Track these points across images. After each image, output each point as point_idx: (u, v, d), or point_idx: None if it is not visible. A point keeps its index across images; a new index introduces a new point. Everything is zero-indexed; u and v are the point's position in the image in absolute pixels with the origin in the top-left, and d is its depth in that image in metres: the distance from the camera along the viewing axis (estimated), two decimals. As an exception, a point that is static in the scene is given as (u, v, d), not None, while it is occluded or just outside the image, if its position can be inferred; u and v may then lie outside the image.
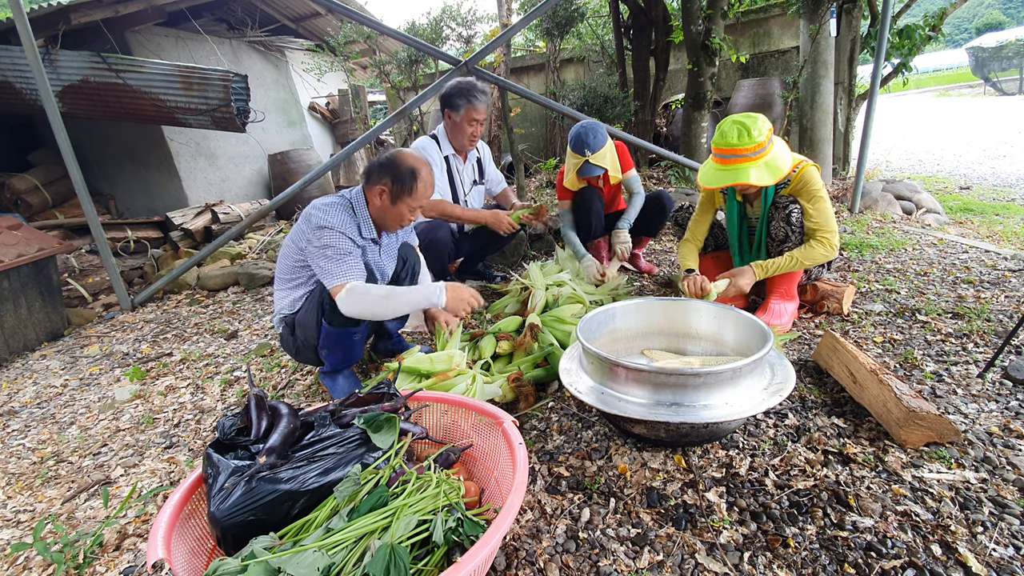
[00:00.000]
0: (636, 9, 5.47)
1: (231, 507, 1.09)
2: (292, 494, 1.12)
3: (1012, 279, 2.49)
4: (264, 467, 1.13)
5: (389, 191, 1.84)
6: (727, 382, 1.38)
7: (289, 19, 7.26)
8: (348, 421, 1.31)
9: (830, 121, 4.53)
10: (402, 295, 1.83)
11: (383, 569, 0.93)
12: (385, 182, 1.83)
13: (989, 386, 1.68)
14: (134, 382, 2.51)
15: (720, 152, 2.03)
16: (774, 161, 1.99)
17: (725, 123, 2.02)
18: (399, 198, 1.84)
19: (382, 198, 1.86)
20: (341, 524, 1.04)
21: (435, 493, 1.13)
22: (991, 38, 16.70)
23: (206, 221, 5.29)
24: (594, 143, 2.63)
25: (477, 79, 3.03)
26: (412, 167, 1.83)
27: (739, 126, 1.97)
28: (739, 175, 1.98)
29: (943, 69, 28.54)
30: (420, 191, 1.85)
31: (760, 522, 1.25)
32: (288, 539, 1.06)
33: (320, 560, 0.94)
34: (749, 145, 1.95)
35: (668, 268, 3.20)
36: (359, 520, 1.04)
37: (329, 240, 1.78)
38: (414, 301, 1.85)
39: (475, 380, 1.79)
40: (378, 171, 1.85)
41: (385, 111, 9.87)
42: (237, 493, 1.10)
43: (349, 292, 1.76)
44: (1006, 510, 1.21)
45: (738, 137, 1.96)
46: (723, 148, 2.01)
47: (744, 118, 1.99)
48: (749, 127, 1.96)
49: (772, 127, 2.02)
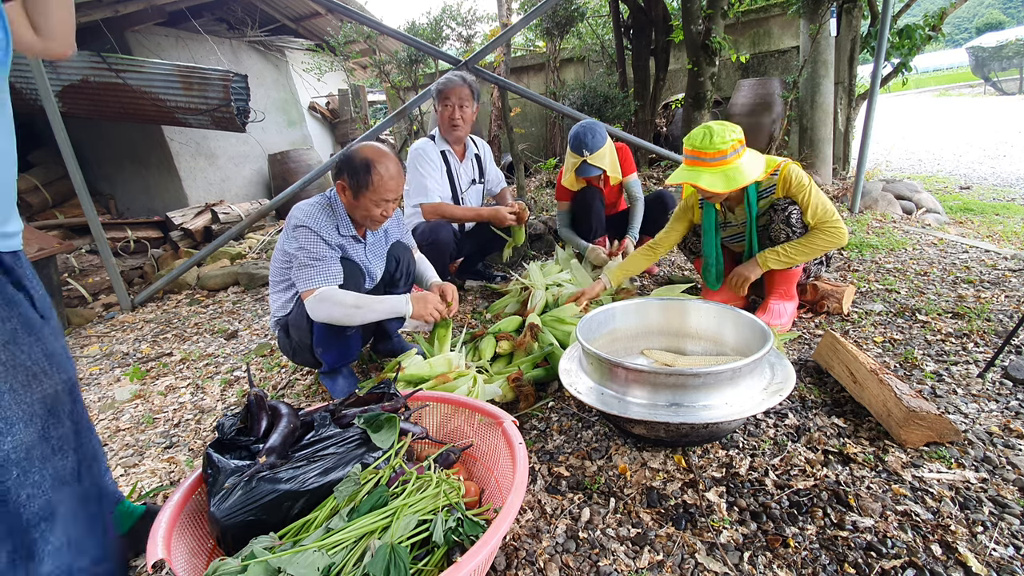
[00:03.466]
0: (636, 9, 5.47)
1: (231, 507, 1.09)
2: (292, 494, 1.12)
3: (1012, 279, 2.49)
4: (264, 467, 1.13)
5: (348, 186, 1.81)
6: (727, 382, 1.38)
7: (289, 19, 7.25)
8: (348, 421, 1.31)
9: (830, 121, 4.53)
10: (372, 304, 1.82)
11: (383, 569, 0.93)
12: (343, 178, 1.81)
13: (989, 386, 1.68)
14: (134, 382, 2.51)
15: (686, 152, 2.07)
16: (733, 172, 1.98)
17: (702, 126, 2.05)
18: (359, 193, 1.80)
19: (345, 193, 1.84)
20: (341, 524, 1.04)
21: (435, 493, 1.13)
22: (991, 38, 16.70)
23: (206, 221, 5.29)
24: (592, 143, 2.63)
25: (477, 78, 3.03)
26: (366, 160, 1.77)
27: (706, 130, 2.00)
28: (694, 177, 2.02)
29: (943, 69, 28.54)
30: (378, 184, 1.77)
31: (760, 522, 1.25)
32: (288, 539, 1.06)
33: (320, 560, 0.94)
34: (709, 150, 1.97)
35: (668, 268, 3.20)
36: (359, 520, 1.04)
37: (303, 242, 1.77)
38: (383, 311, 1.85)
39: (476, 382, 1.79)
40: (337, 167, 1.84)
41: (385, 111, 9.87)
42: (237, 493, 1.10)
43: (318, 299, 1.76)
44: (1006, 510, 1.21)
45: (701, 140, 1.99)
46: (687, 149, 2.05)
47: (716, 124, 2.01)
48: (714, 133, 1.97)
49: (742, 139, 2.02)
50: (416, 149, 2.78)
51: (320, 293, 1.76)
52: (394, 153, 1.86)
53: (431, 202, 2.73)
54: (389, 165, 1.80)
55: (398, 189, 1.84)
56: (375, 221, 1.88)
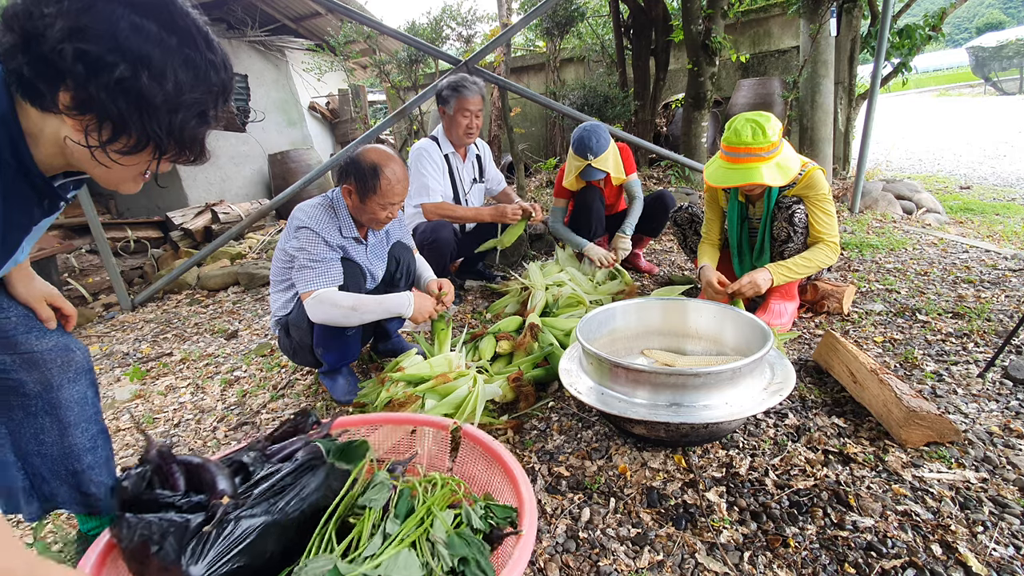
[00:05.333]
0: (636, 9, 5.47)
1: (215, 558, 0.95)
2: (277, 526, 1.01)
3: (1012, 279, 2.49)
4: (230, 507, 1.00)
5: (355, 190, 1.81)
6: (727, 382, 1.38)
7: (289, 19, 7.25)
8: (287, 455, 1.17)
9: (830, 121, 4.53)
10: (372, 306, 1.83)
11: (469, 553, 0.99)
12: (350, 181, 1.81)
13: (989, 386, 1.68)
14: (134, 382, 2.51)
15: (732, 150, 1.98)
16: (785, 162, 1.98)
17: (738, 120, 1.98)
18: (366, 196, 1.80)
19: (352, 197, 1.84)
20: (395, 528, 1.04)
21: (446, 492, 1.16)
22: (991, 38, 16.71)
23: (206, 221, 5.29)
24: (597, 147, 2.62)
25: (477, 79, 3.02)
26: (373, 164, 1.78)
27: (753, 124, 1.94)
28: (751, 175, 1.94)
29: (943, 69, 28.56)
30: (386, 188, 1.78)
31: (760, 522, 1.25)
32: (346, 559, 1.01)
33: (412, 560, 0.96)
34: (763, 144, 1.93)
35: (668, 268, 3.20)
36: (407, 524, 1.05)
37: (305, 243, 1.78)
38: (382, 312, 1.86)
39: (476, 381, 1.79)
40: (344, 170, 1.84)
41: (385, 111, 9.88)
42: (215, 542, 0.96)
43: (316, 300, 1.76)
44: (1006, 510, 1.21)
45: (752, 136, 1.93)
46: (737, 146, 1.96)
47: (757, 116, 1.96)
48: (764, 126, 1.93)
49: (782, 127, 2.00)
50: (418, 149, 2.77)
51: (318, 295, 1.77)
52: (397, 155, 1.87)
53: (433, 202, 2.73)
54: (396, 169, 1.81)
55: (404, 192, 1.85)
56: (380, 223, 1.90)
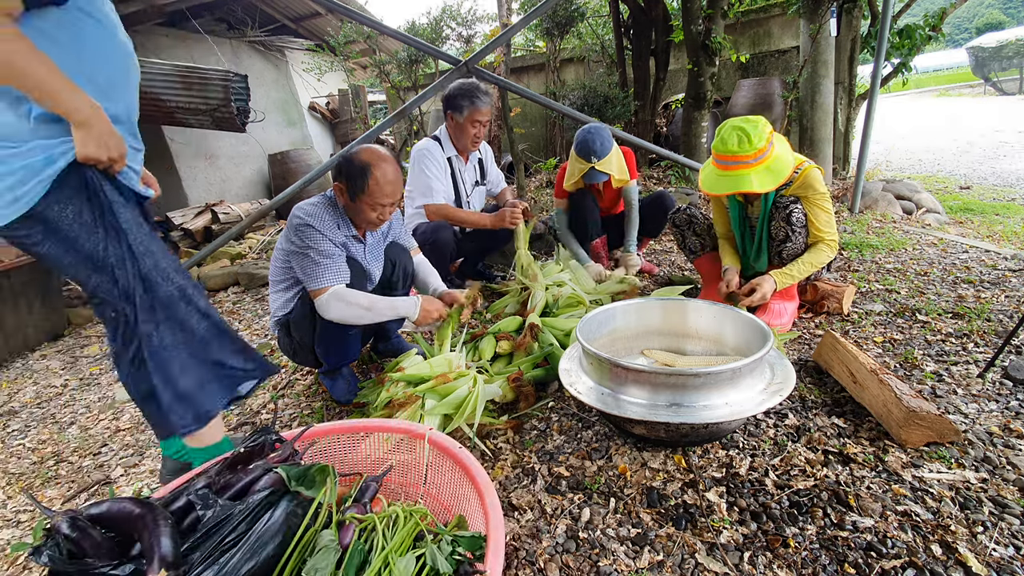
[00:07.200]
0: (636, 9, 5.47)
1: None
2: None
3: (1012, 279, 2.49)
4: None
5: (346, 190, 1.80)
6: (727, 382, 1.38)
7: (289, 19, 7.25)
8: (243, 487, 1.05)
9: (830, 121, 4.53)
10: (382, 307, 1.85)
11: None
12: (341, 181, 1.81)
13: (989, 386, 1.68)
14: (134, 382, 2.51)
15: (720, 158, 2.00)
16: (776, 164, 1.97)
17: (725, 128, 1.98)
18: (356, 196, 1.79)
19: (343, 196, 1.84)
20: None
21: (411, 527, 1.04)
22: (991, 38, 16.68)
23: (206, 221, 5.29)
24: (601, 150, 2.61)
25: (477, 79, 3.02)
26: (363, 164, 1.76)
27: (739, 132, 1.94)
28: (740, 182, 1.95)
29: (943, 69, 28.54)
30: (375, 188, 1.76)
31: (760, 522, 1.25)
32: None
33: None
34: (749, 152, 1.93)
35: (668, 268, 3.20)
36: None
37: (310, 241, 1.76)
38: (392, 314, 1.89)
39: (476, 382, 1.79)
40: (336, 169, 1.84)
41: (385, 111, 9.88)
42: None
43: (335, 297, 1.76)
44: (1006, 510, 1.21)
45: (738, 144, 1.93)
46: (724, 155, 1.98)
47: (743, 123, 1.96)
48: (749, 133, 1.92)
49: (772, 128, 2.00)
50: (421, 149, 2.76)
51: (335, 291, 1.76)
52: (393, 156, 1.86)
53: (436, 203, 2.73)
54: (387, 169, 1.78)
55: (395, 194, 1.82)
56: (372, 224, 1.88)
